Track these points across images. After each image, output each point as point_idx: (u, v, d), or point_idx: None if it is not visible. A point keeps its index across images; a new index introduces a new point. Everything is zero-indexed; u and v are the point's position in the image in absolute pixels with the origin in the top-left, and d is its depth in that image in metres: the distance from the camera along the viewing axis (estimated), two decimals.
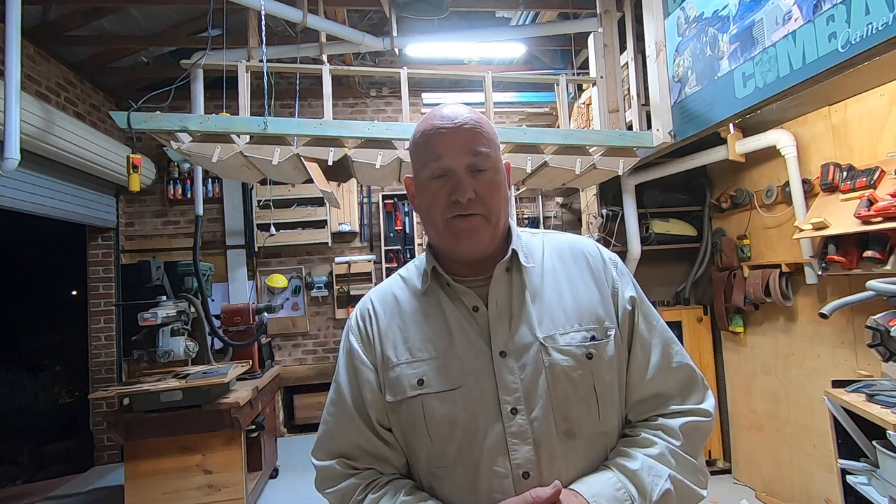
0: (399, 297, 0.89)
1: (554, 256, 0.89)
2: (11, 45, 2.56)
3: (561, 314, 0.82)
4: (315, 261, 5.20)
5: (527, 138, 2.88)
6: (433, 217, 0.82)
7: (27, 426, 5.36)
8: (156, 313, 2.94)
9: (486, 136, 0.81)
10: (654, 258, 3.63)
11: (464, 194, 0.78)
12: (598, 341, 0.81)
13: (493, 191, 0.81)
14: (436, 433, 0.79)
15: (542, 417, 0.77)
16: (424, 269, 0.87)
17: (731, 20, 2.39)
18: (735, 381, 3.42)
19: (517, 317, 0.81)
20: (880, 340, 1.77)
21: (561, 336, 0.80)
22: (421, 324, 0.84)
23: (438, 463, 0.80)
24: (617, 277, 0.87)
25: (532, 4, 3.97)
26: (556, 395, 0.78)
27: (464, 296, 0.83)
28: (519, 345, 0.79)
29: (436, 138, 0.80)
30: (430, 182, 0.81)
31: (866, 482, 1.77)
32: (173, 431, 2.85)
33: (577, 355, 0.79)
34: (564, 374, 0.78)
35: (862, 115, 2.35)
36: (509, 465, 0.75)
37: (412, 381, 0.81)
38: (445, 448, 0.79)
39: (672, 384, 0.84)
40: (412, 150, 0.86)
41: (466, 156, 0.79)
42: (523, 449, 0.75)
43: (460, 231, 0.80)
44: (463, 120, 0.80)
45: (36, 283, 6.97)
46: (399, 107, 4.92)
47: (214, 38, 3.25)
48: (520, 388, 0.77)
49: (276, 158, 2.62)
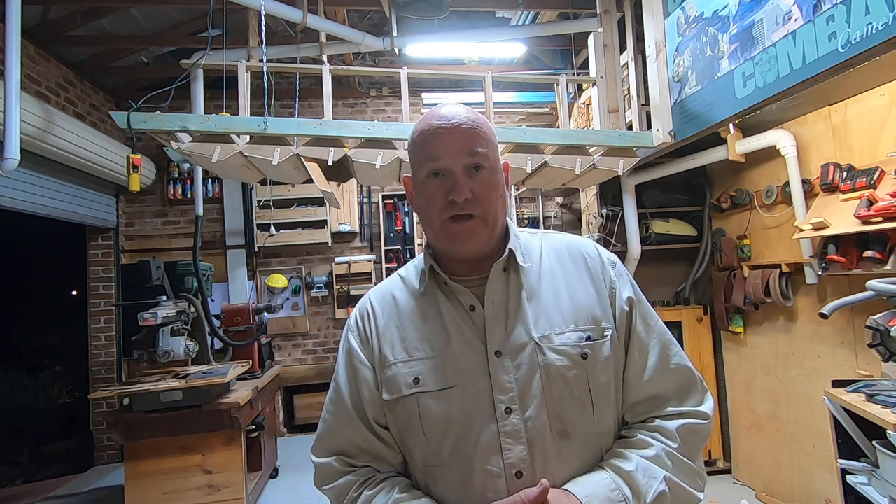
0: (397, 296, 0.90)
1: (552, 256, 0.89)
2: (11, 45, 2.56)
3: (557, 314, 0.82)
4: (315, 261, 5.20)
5: (527, 138, 2.88)
6: (430, 217, 0.82)
7: (27, 426, 5.36)
8: (156, 313, 2.94)
9: (483, 136, 0.81)
10: (654, 258, 3.63)
11: (460, 194, 0.78)
12: (593, 341, 0.81)
13: (491, 191, 0.81)
14: (431, 432, 0.79)
15: (536, 417, 0.77)
16: (422, 269, 0.88)
17: (731, 20, 2.39)
18: (735, 381, 3.42)
19: (513, 317, 0.82)
20: (880, 340, 1.77)
21: (556, 336, 0.80)
22: (418, 323, 0.85)
23: (433, 462, 0.80)
24: (615, 278, 0.87)
25: (532, 4, 3.97)
26: (550, 395, 0.78)
27: (461, 295, 0.83)
28: (514, 344, 0.80)
29: (433, 138, 0.80)
30: (428, 182, 0.81)
31: (866, 482, 1.77)
32: (173, 431, 2.85)
33: (572, 355, 0.79)
34: (559, 373, 0.78)
35: (862, 115, 2.35)
36: (503, 465, 0.75)
37: (408, 379, 0.81)
38: (440, 447, 0.79)
39: (669, 386, 0.83)
40: (410, 149, 0.86)
41: (464, 156, 0.79)
42: (517, 448, 0.76)
43: (457, 233, 0.80)
44: (460, 120, 0.80)
45: (36, 283, 6.97)
46: (399, 107, 4.92)
47: (214, 38, 3.25)
48: (514, 387, 0.78)
49: (276, 158, 2.62)
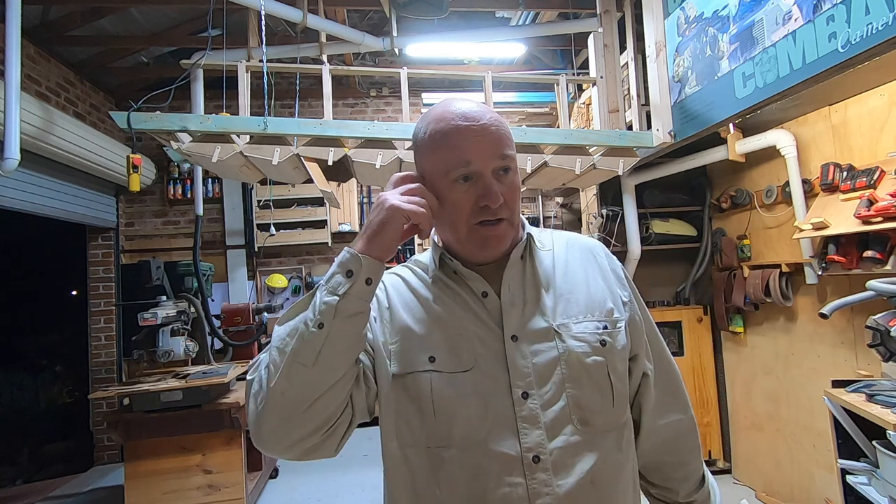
0: (410, 281, 0.88)
1: (565, 249, 0.90)
2: (11, 45, 2.56)
3: (574, 304, 0.82)
4: (315, 261, 5.20)
5: (527, 138, 2.87)
6: (456, 222, 0.79)
7: (27, 426, 5.35)
8: (156, 313, 2.94)
9: (509, 137, 0.79)
10: (654, 258, 3.63)
11: (496, 201, 0.76)
12: (610, 330, 0.81)
13: (516, 193, 0.80)
14: (441, 410, 0.76)
15: (554, 403, 0.76)
16: (432, 258, 0.87)
17: (731, 20, 2.39)
18: (735, 381, 3.42)
19: (531, 303, 0.81)
20: (880, 340, 1.77)
21: (575, 325, 0.80)
22: (431, 306, 0.83)
23: (441, 442, 0.77)
24: (624, 280, 0.91)
25: (532, 4, 3.97)
26: (570, 382, 0.77)
27: (472, 281, 0.82)
28: (532, 330, 0.79)
29: (461, 141, 0.76)
30: (455, 186, 0.77)
31: (866, 482, 1.77)
32: (173, 431, 2.85)
33: (591, 342, 0.79)
34: (579, 360, 0.78)
35: (862, 115, 2.35)
36: (519, 448, 0.74)
37: (422, 356, 0.78)
38: (450, 428, 0.76)
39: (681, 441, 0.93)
40: (427, 148, 0.80)
41: (495, 159, 0.77)
42: (534, 433, 0.74)
43: (488, 238, 0.79)
44: (489, 121, 0.77)
45: (36, 283, 6.96)
46: (399, 107, 4.92)
47: (214, 38, 3.25)
48: (531, 372, 0.77)
49: (276, 158, 2.62)
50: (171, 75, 3.19)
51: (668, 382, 0.91)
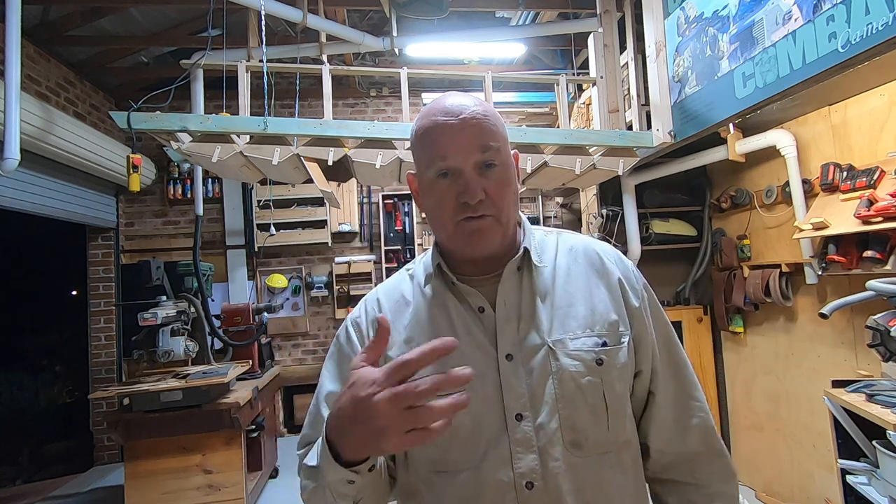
0: (406, 294, 0.85)
1: (567, 257, 0.84)
2: (11, 45, 2.56)
3: (572, 318, 0.78)
4: (315, 261, 5.20)
5: (527, 138, 2.87)
6: (442, 219, 0.77)
7: (27, 426, 5.35)
8: (156, 313, 2.94)
9: (493, 129, 0.75)
10: (654, 258, 3.63)
11: (473, 196, 0.72)
12: (609, 347, 0.77)
13: (503, 189, 0.76)
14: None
15: (547, 425, 0.73)
16: (430, 264, 0.84)
17: (731, 20, 2.39)
18: (735, 381, 3.42)
19: (526, 319, 0.77)
20: (880, 340, 1.77)
21: (571, 341, 0.76)
22: (426, 323, 0.80)
23: (440, 467, 0.76)
24: (639, 288, 0.85)
25: (532, 4, 3.97)
26: (562, 402, 0.73)
27: (469, 296, 0.79)
28: (526, 348, 0.76)
29: (439, 135, 0.74)
30: (437, 183, 0.75)
31: (866, 482, 1.77)
32: (173, 431, 2.85)
33: (586, 360, 0.75)
34: (572, 379, 0.74)
35: (862, 115, 2.35)
36: (513, 475, 0.71)
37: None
38: (448, 452, 0.75)
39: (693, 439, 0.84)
40: (414, 146, 0.80)
41: (474, 153, 0.73)
42: (528, 458, 0.72)
43: (471, 232, 0.75)
44: (469, 114, 0.74)
45: (36, 283, 6.96)
46: (399, 107, 4.91)
47: (214, 38, 3.25)
48: (525, 392, 0.73)
49: (276, 158, 2.62)
50: (171, 75, 3.19)
51: (680, 398, 0.84)
